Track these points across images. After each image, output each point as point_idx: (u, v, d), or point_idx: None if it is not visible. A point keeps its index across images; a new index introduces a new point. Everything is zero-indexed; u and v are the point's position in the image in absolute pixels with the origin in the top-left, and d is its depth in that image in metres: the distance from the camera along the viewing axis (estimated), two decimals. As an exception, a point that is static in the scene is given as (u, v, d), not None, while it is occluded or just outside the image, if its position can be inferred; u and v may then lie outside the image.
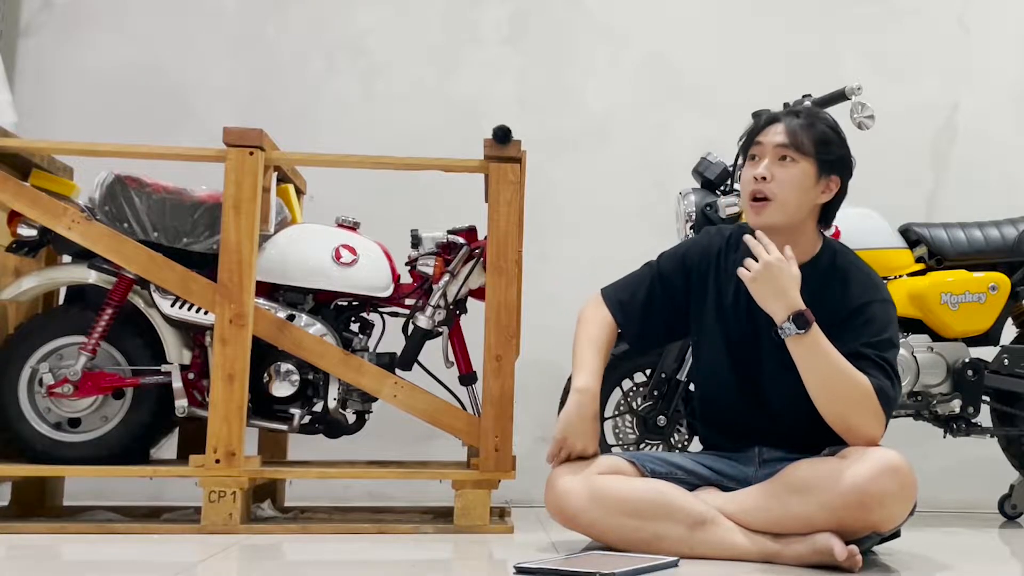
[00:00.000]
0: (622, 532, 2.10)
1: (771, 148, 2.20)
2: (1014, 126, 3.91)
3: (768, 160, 2.19)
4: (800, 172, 2.19)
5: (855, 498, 1.95)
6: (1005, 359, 3.04)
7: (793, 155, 2.18)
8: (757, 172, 2.18)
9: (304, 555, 2.23)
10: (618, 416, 3.02)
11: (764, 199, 2.18)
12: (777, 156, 2.19)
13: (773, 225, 2.19)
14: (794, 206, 2.19)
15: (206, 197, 2.69)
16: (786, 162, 2.18)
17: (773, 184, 2.17)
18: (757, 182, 2.18)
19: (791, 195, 2.18)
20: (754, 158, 2.22)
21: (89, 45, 3.76)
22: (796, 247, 2.18)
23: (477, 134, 2.70)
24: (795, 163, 2.18)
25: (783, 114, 2.26)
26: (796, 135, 2.19)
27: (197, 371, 2.68)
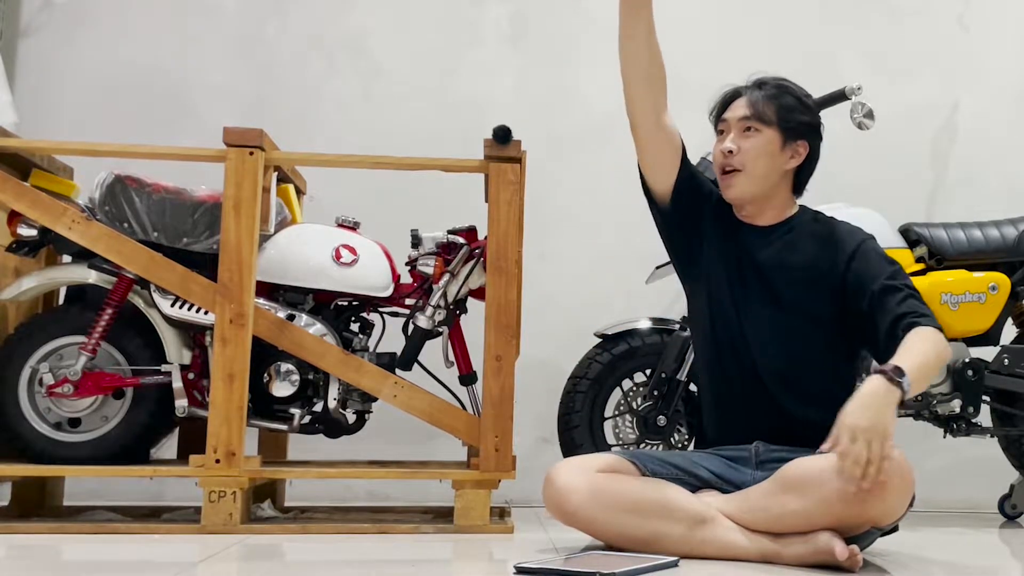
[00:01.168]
0: (621, 530, 2.10)
1: (735, 122, 2.31)
2: (1014, 126, 3.91)
3: (733, 133, 2.29)
4: (764, 140, 2.28)
5: (853, 493, 1.95)
6: (1005, 359, 3.04)
7: (756, 125, 2.29)
8: (723, 146, 2.29)
9: (304, 555, 2.23)
10: (618, 416, 3.02)
11: (733, 171, 2.27)
12: (741, 128, 2.29)
13: (743, 196, 2.30)
14: (762, 174, 2.28)
15: (206, 197, 2.69)
16: (750, 133, 2.28)
17: (740, 155, 2.27)
18: (725, 156, 2.28)
19: (758, 163, 2.28)
20: (721, 133, 2.33)
21: (89, 45, 3.76)
22: (770, 211, 2.32)
23: (477, 134, 2.70)
24: (759, 132, 2.29)
25: (746, 87, 2.35)
26: (757, 106, 2.29)
27: (197, 371, 2.68)
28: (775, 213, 2.33)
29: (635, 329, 3.02)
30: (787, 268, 2.27)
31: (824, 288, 2.25)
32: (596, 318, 3.17)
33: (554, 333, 3.51)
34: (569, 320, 3.56)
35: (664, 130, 2.32)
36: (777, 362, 2.25)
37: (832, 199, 3.10)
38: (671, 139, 2.33)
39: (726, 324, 2.29)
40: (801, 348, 2.25)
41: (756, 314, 2.27)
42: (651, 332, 3.01)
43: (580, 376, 2.99)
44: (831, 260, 2.26)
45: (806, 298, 2.25)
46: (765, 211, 2.33)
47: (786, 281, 2.27)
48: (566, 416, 2.99)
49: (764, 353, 2.25)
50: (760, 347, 2.25)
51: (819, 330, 2.25)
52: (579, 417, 2.96)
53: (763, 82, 2.35)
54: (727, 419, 2.33)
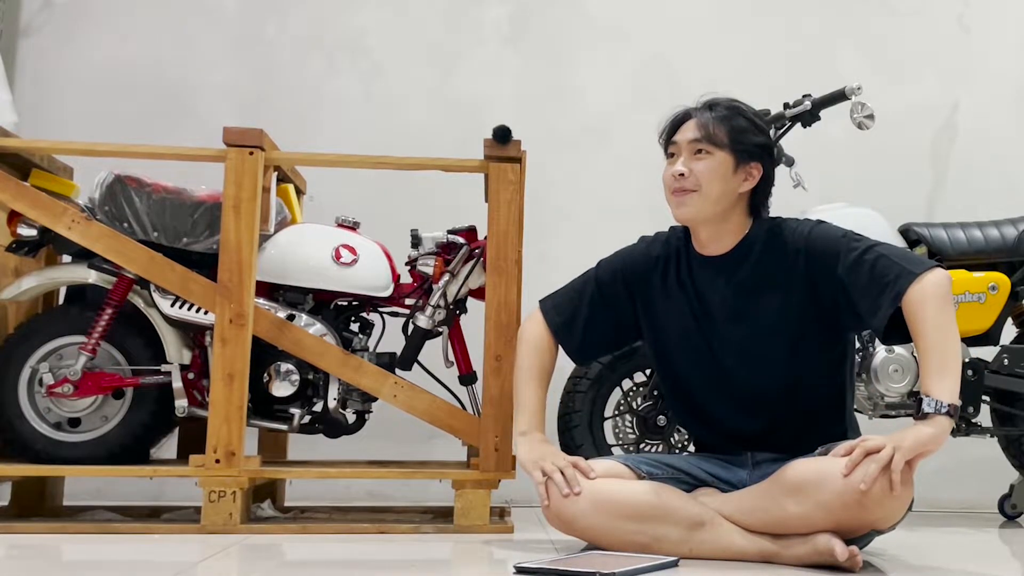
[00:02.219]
0: (621, 535, 2.09)
1: (685, 144, 2.24)
2: (1014, 126, 3.91)
3: (684, 156, 2.24)
4: (716, 162, 2.22)
5: (853, 498, 1.94)
6: (1005, 359, 3.04)
7: (707, 148, 2.22)
8: (675, 169, 2.23)
9: (304, 555, 2.23)
10: (618, 416, 3.02)
11: (687, 191, 2.21)
12: (692, 151, 2.23)
13: (697, 216, 2.23)
14: (716, 196, 2.21)
15: (206, 197, 2.69)
16: (701, 155, 2.22)
17: (692, 177, 2.21)
18: (676, 179, 2.22)
19: (712, 185, 2.21)
20: (672, 156, 2.28)
21: (89, 45, 3.76)
22: (727, 236, 2.24)
23: (477, 134, 2.70)
24: (710, 155, 2.22)
25: (695, 109, 2.28)
26: (707, 128, 2.23)
27: (197, 371, 2.67)
28: (731, 238, 2.24)
29: (635, 329, 3.01)
30: (752, 292, 2.21)
31: (793, 297, 2.18)
32: (596, 318, 3.17)
33: (554, 333, 3.51)
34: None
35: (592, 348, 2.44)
36: (760, 387, 2.22)
37: (832, 199, 3.11)
38: (597, 347, 2.46)
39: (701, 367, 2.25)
40: (783, 368, 2.20)
41: (732, 349, 2.22)
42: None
43: (580, 376, 2.99)
44: (790, 266, 2.19)
45: (779, 316, 2.19)
46: (722, 236, 2.24)
47: (754, 306, 2.21)
48: (566, 416, 2.98)
49: (746, 382, 2.22)
50: (742, 378, 2.22)
51: (799, 342, 2.20)
52: (579, 417, 2.96)
53: (714, 103, 2.27)
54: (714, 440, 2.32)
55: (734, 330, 2.22)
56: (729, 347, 2.23)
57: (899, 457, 1.91)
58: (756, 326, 2.21)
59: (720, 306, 2.23)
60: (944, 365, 1.98)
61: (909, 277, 2.04)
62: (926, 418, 1.94)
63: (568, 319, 2.39)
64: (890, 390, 2.94)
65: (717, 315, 2.23)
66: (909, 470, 1.94)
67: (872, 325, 2.11)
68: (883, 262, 2.09)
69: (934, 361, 1.98)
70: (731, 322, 2.22)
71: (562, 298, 2.43)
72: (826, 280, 2.15)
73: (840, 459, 1.98)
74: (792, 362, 2.21)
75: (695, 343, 2.26)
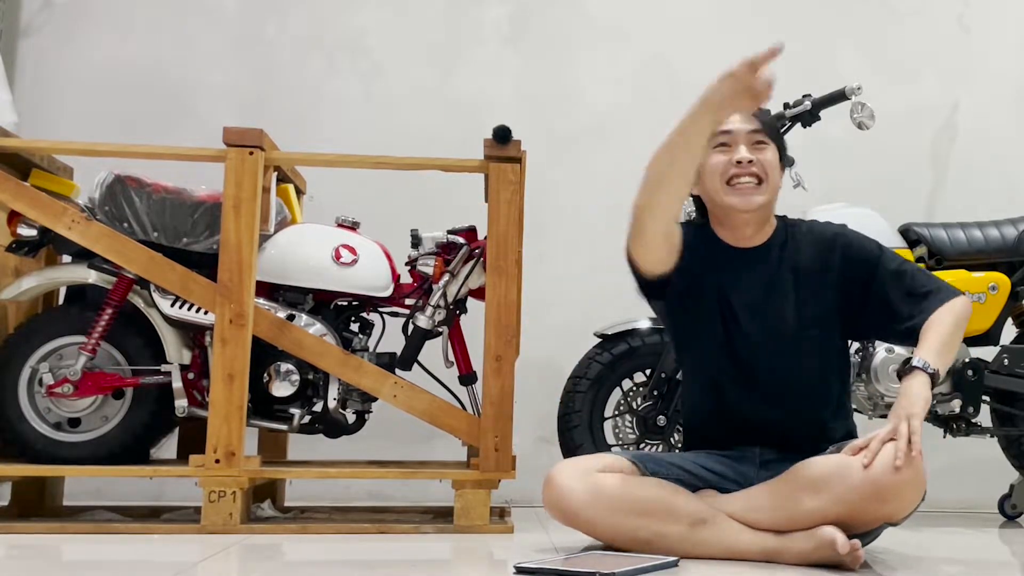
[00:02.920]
0: (622, 531, 2.09)
1: (744, 134, 2.22)
2: (1014, 126, 3.91)
3: (743, 145, 2.21)
4: (773, 155, 2.24)
5: (871, 490, 1.96)
6: (1005, 359, 3.04)
7: (765, 140, 2.24)
8: (741, 156, 2.19)
9: (304, 555, 2.23)
10: (618, 416, 3.02)
11: (755, 181, 2.20)
12: (751, 141, 2.22)
13: (763, 206, 2.23)
14: (775, 188, 2.25)
15: (206, 197, 2.69)
16: (760, 146, 2.23)
17: (759, 166, 2.21)
18: (743, 166, 2.20)
19: (774, 176, 2.24)
20: (724, 146, 2.22)
21: (89, 45, 3.76)
22: (763, 229, 2.27)
23: (477, 134, 2.70)
24: (768, 147, 2.24)
25: None
26: (763, 121, 2.25)
27: (197, 371, 2.68)
28: (766, 232, 2.28)
29: (635, 329, 3.01)
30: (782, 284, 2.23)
31: (825, 292, 2.23)
32: (596, 318, 3.17)
33: (554, 333, 3.51)
34: (569, 320, 3.56)
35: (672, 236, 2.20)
36: (784, 377, 2.22)
37: (832, 199, 3.10)
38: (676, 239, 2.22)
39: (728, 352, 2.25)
40: (807, 359, 2.23)
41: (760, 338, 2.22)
42: (651, 332, 3.01)
43: (580, 376, 2.99)
44: (823, 262, 2.24)
45: (808, 309, 2.22)
46: (763, 229, 2.27)
47: (785, 297, 2.23)
48: (566, 416, 2.99)
49: (771, 371, 2.23)
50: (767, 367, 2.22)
51: (824, 335, 2.24)
52: (579, 417, 2.96)
53: None
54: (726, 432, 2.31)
55: (773, 317, 2.23)
56: (758, 336, 2.23)
57: (916, 423, 1.98)
58: (785, 317, 2.22)
59: (751, 296, 2.24)
60: (940, 350, 2.09)
61: (952, 292, 2.19)
62: (912, 372, 2.05)
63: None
64: (890, 390, 2.94)
65: (748, 304, 2.24)
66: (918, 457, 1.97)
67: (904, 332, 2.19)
68: (922, 276, 2.23)
69: (933, 344, 2.09)
70: (761, 312, 2.23)
71: None
72: (860, 286, 2.22)
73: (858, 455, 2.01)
74: (816, 354, 2.23)
75: (722, 330, 2.25)
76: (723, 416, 2.30)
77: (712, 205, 2.28)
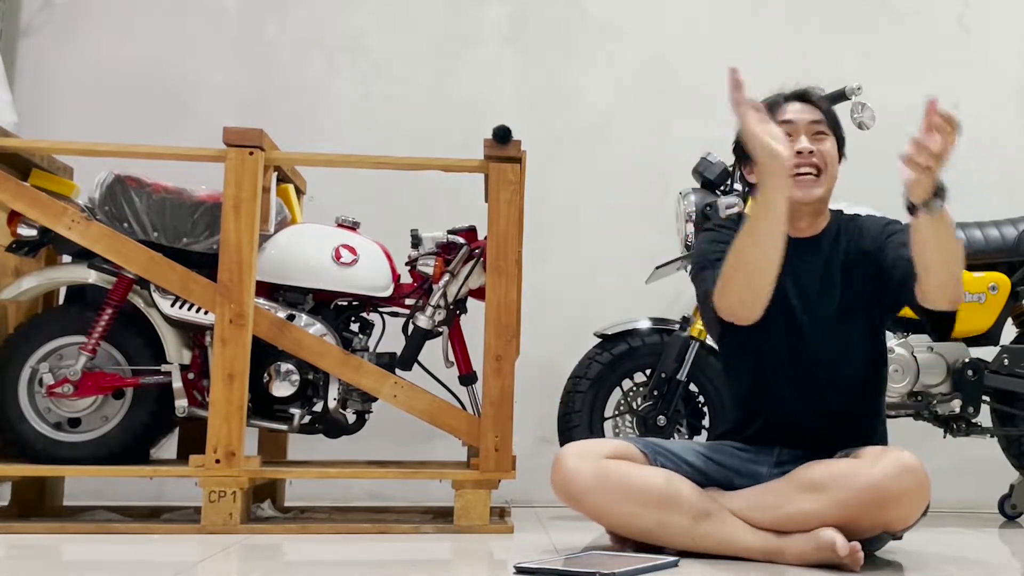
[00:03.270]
0: (626, 517, 2.10)
1: (805, 124, 2.22)
2: (1014, 126, 3.91)
3: (804, 136, 2.21)
4: (832, 146, 2.25)
5: (872, 496, 1.95)
6: (1005, 359, 3.04)
7: (826, 130, 2.24)
8: (802, 147, 2.19)
9: (304, 555, 2.23)
10: (618, 416, 3.03)
11: (815, 172, 2.20)
12: (812, 132, 2.22)
13: (823, 197, 2.23)
14: (834, 179, 2.25)
15: (206, 197, 2.69)
16: (820, 137, 2.23)
17: (819, 157, 2.21)
18: (804, 156, 2.19)
19: (834, 166, 2.24)
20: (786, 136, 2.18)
21: (89, 45, 3.76)
22: (818, 221, 2.26)
23: (477, 134, 2.70)
24: (828, 137, 2.24)
25: (794, 95, 2.28)
26: (824, 111, 2.24)
27: (197, 371, 2.68)
28: (820, 222, 2.27)
29: (635, 329, 3.01)
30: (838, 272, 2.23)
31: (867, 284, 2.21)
32: (596, 318, 3.17)
33: (554, 333, 3.51)
34: (569, 320, 3.56)
35: None
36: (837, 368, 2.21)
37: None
38: None
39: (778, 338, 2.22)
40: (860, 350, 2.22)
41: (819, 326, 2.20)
42: (651, 332, 3.01)
43: (580, 376, 2.99)
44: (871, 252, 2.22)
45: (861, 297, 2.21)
46: (817, 220, 2.27)
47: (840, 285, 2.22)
48: (566, 416, 2.99)
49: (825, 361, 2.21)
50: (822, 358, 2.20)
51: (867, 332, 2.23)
52: (579, 417, 2.96)
53: (812, 91, 2.29)
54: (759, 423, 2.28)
55: (824, 307, 2.21)
56: (807, 326, 2.21)
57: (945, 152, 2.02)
58: (833, 309, 2.21)
59: (803, 285, 2.23)
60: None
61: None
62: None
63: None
64: (890, 390, 2.94)
65: (807, 291, 2.22)
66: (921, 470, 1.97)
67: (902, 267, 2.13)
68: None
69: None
70: (821, 299, 2.22)
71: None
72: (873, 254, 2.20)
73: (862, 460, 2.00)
74: (858, 351, 2.23)
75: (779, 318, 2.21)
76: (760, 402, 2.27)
77: None
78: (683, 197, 3.00)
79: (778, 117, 2.21)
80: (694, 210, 2.96)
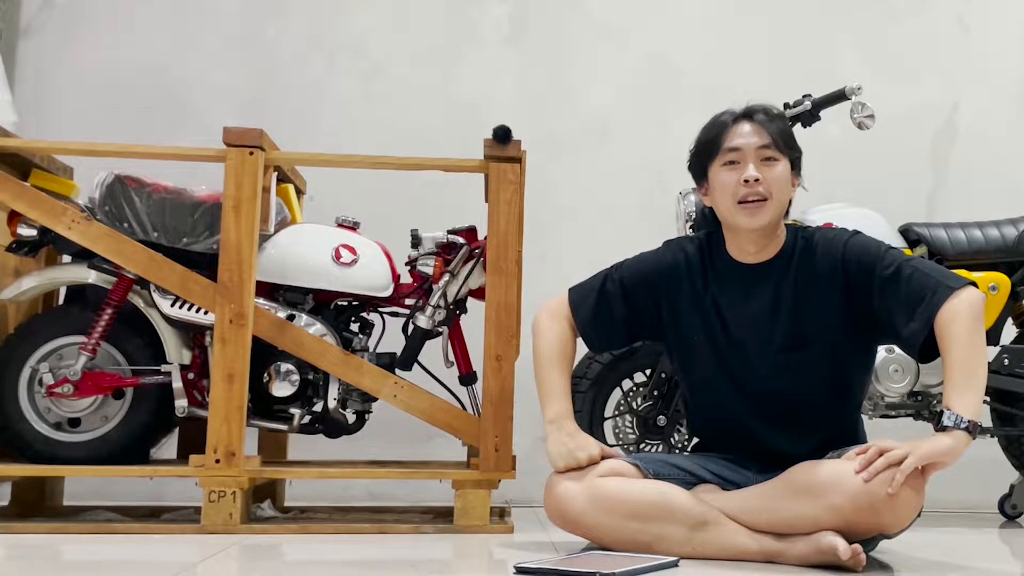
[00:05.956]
0: (623, 534, 2.09)
1: (752, 151, 2.18)
2: (1014, 126, 3.91)
3: (752, 163, 2.17)
4: (783, 170, 2.20)
5: (866, 500, 1.94)
6: (1005, 359, 3.04)
7: (775, 154, 2.19)
8: (748, 175, 2.16)
9: (304, 555, 2.23)
10: (618, 416, 3.02)
11: (760, 200, 2.16)
12: (760, 157, 2.18)
13: (768, 224, 2.19)
14: (783, 204, 2.20)
15: (206, 197, 2.69)
16: (769, 162, 2.18)
17: (765, 184, 2.16)
18: (750, 185, 2.16)
19: (782, 193, 2.19)
20: (733, 164, 2.19)
21: (89, 45, 3.76)
22: (770, 244, 2.22)
23: (477, 134, 2.70)
24: (777, 161, 2.19)
25: (743, 114, 2.22)
26: (773, 134, 2.19)
27: (197, 371, 2.67)
28: (774, 247, 2.23)
29: (635, 329, 3.01)
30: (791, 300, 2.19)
31: (832, 307, 2.18)
32: (596, 318, 3.16)
33: (554, 333, 3.50)
34: (569, 320, 3.55)
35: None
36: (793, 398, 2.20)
37: (832, 199, 3.11)
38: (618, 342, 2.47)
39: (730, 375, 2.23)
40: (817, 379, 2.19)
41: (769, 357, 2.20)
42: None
43: (580, 376, 2.99)
44: (829, 276, 2.18)
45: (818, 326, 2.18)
46: (768, 244, 2.22)
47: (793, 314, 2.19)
48: (566, 416, 2.98)
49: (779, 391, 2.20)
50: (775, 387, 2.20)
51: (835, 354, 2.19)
52: (579, 417, 2.94)
53: (765, 109, 2.23)
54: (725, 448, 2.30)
55: (775, 334, 2.19)
56: (766, 355, 2.19)
57: (911, 460, 1.92)
58: (795, 334, 2.18)
59: (759, 312, 2.20)
60: (968, 381, 1.98)
61: (945, 293, 2.04)
62: (945, 431, 1.95)
63: (592, 316, 2.35)
64: (890, 390, 2.94)
65: (757, 321, 2.20)
66: (920, 478, 1.96)
67: (905, 342, 2.12)
68: (918, 278, 2.09)
69: (959, 376, 1.99)
70: (772, 327, 2.19)
71: (587, 293, 2.38)
72: (862, 293, 2.15)
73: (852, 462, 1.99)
74: (819, 374, 2.19)
75: (727, 350, 2.22)
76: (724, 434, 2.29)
77: (722, 220, 2.26)
78: (683, 197, 3.00)
79: (725, 143, 2.19)
80: (694, 210, 2.95)
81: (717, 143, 2.21)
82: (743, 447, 2.26)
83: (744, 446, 2.26)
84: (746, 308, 2.22)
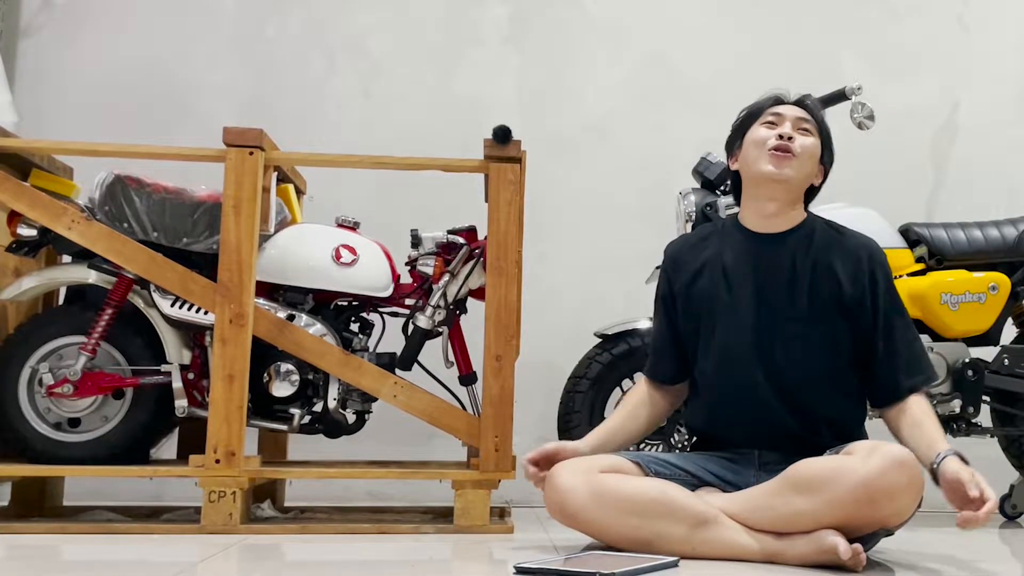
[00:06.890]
0: (623, 531, 2.09)
1: (792, 118, 2.30)
2: (1014, 126, 3.91)
3: (789, 125, 2.29)
4: (814, 144, 2.30)
5: (864, 493, 1.95)
6: (1005, 359, 3.04)
7: (811, 128, 2.31)
8: (783, 130, 2.27)
9: (304, 555, 2.23)
10: (618, 416, 3.02)
11: (788, 153, 2.25)
12: (797, 126, 2.29)
13: (791, 180, 2.26)
14: (806, 173, 2.29)
15: (206, 197, 2.69)
16: (805, 132, 2.30)
17: (797, 145, 2.27)
18: (783, 140, 2.26)
19: (808, 161, 2.29)
20: (772, 124, 2.30)
21: (89, 45, 3.76)
22: (791, 216, 2.31)
23: (477, 134, 2.70)
24: (811, 135, 2.30)
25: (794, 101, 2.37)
26: (814, 112, 2.33)
27: (197, 371, 2.67)
28: (793, 220, 2.31)
29: (635, 329, 3.01)
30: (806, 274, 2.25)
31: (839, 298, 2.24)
32: (596, 318, 3.17)
33: (554, 333, 3.51)
34: (569, 320, 3.56)
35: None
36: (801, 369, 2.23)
37: (832, 199, 3.09)
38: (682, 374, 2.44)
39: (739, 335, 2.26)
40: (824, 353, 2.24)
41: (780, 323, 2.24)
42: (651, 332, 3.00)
43: (580, 376, 2.99)
44: (850, 272, 2.25)
45: (828, 304, 2.23)
46: (787, 214, 2.30)
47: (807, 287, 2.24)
48: (566, 416, 2.98)
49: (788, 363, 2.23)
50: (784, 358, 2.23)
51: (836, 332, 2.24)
52: (579, 417, 2.96)
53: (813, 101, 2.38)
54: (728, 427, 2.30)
55: (790, 306, 2.24)
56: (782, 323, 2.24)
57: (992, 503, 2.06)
58: (796, 304, 2.24)
59: (776, 280, 2.26)
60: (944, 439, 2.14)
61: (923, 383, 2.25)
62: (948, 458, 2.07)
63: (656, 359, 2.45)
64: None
65: (775, 288, 2.26)
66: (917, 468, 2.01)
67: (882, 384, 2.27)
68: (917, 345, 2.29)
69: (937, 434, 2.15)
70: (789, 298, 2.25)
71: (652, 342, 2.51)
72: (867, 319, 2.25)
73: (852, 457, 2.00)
74: (826, 349, 2.24)
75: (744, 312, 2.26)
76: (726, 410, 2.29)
77: (747, 177, 2.32)
78: (683, 197, 3.01)
79: (768, 109, 2.32)
80: (694, 210, 2.96)
81: (761, 109, 2.34)
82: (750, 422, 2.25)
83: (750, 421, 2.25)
84: (766, 273, 2.27)
